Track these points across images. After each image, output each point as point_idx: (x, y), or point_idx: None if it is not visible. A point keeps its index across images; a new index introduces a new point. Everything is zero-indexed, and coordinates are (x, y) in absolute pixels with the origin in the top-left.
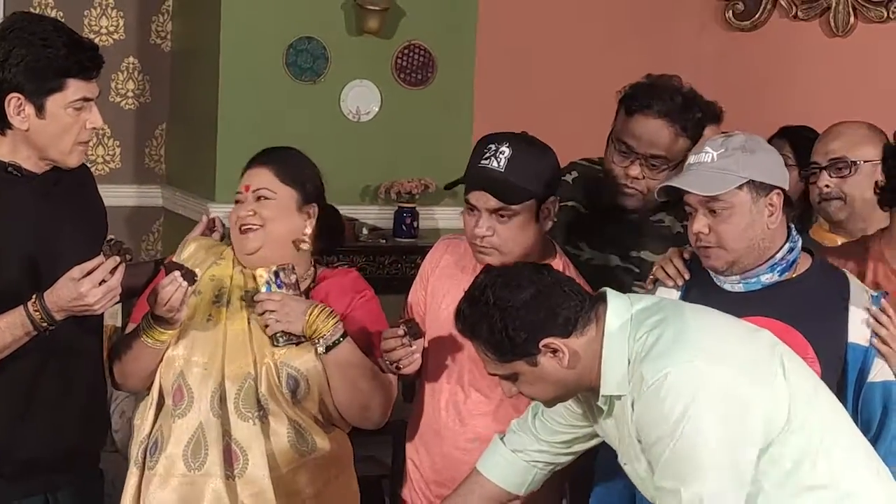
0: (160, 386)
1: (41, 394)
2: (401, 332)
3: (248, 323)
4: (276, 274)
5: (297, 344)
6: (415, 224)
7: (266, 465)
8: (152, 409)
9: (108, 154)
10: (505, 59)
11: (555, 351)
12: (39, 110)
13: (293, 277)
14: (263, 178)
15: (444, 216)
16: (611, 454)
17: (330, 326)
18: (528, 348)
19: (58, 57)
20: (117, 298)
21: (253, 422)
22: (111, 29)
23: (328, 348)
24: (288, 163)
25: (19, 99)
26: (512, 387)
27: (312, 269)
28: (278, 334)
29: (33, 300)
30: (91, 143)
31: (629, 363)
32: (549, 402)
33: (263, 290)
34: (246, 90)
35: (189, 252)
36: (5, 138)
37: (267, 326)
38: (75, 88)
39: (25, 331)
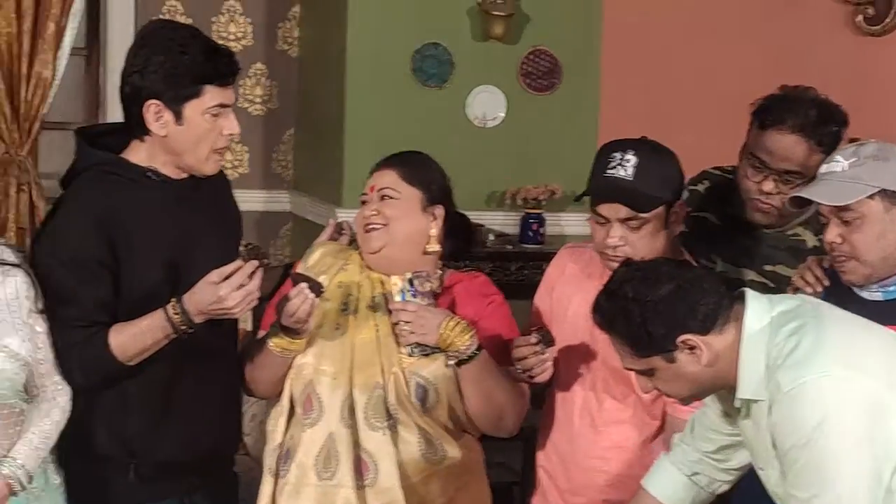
0: (290, 394)
1: (177, 397)
2: (533, 339)
3: (377, 331)
4: (411, 281)
5: (428, 355)
6: (541, 230)
7: (397, 475)
8: (283, 417)
9: (237, 159)
10: (631, 65)
11: (692, 348)
12: (177, 116)
13: (428, 286)
14: (388, 178)
15: (570, 222)
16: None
17: (465, 340)
18: (665, 344)
19: (195, 63)
20: (255, 302)
21: (382, 432)
22: (239, 35)
23: (461, 362)
24: (413, 164)
25: (158, 105)
26: (648, 382)
27: (440, 271)
28: (411, 345)
29: (173, 303)
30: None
31: (766, 368)
32: (685, 400)
33: (398, 297)
34: (372, 96)
35: (315, 259)
36: (144, 144)
37: (400, 335)
38: (212, 95)
39: (165, 333)
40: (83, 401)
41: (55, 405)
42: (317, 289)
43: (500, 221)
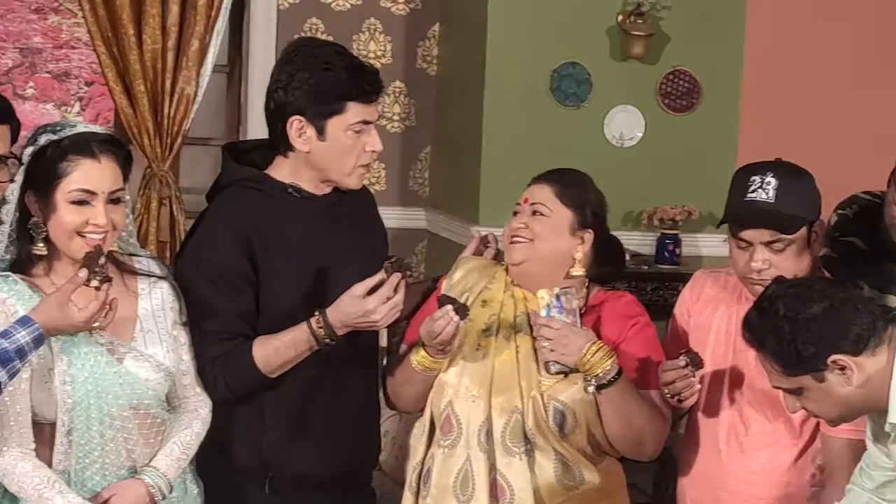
0: (431, 412)
1: (314, 410)
2: (682, 363)
3: (517, 353)
4: (558, 297)
5: (566, 375)
6: (677, 251)
7: (532, 500)
8: (425, 435)
9: (374, 176)
10: (772, 86)
11: (843, 368)
12: (320, 132)
13: (574, 303)
14: (543, 193)
15: (707, 243)
16: None
17: (605, 366)
18: (815, 363)
19: (339, 80)
20: (398, 314)
21: (519, 457)
22: (379, 53)
23: (600, 387)
24: (570, 184)
25: (301, 121)
26: (795, 402)
27: (585, 290)
28: (550, 363)
29: (316, 317)
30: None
31: None
32: (833, 421)
33: (543, 312)
34: (510, 115)
35: (460, 275)
36: (287, 160)
37: (540, 352)
38: (355, 111)
39: (308, 346)
40: (221, 413)
41: (196, 416)
42: (462, 311)
43: (636, 241)
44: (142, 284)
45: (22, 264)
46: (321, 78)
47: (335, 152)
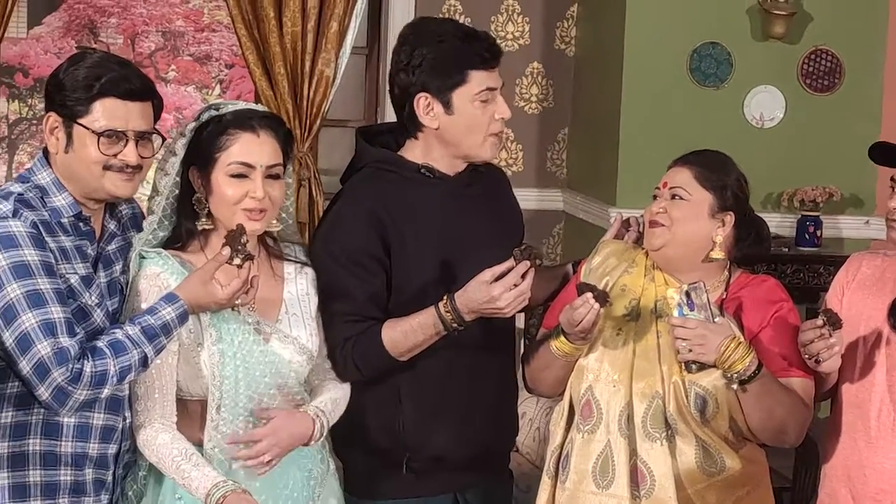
0: (570, 396)
1: (450, 392)
2: (819, 322)
3: (658, 338)
4: (688, 294)
5: (704, 368)
6: (818, 233)
7: (673, 486)
8: (564, 419)
9: (511, 157)
10: None
11: None
12: (447, 106)
13: (705, 297)
14: (682, 177)
15: (848, 225)
16: None
17: (745, 362)
18: None
19: (456, 50)
20: (526, 303)
21: (661, 442)
22: (517, 34)
23: (741, 383)
24: (710, 167)
25: (427, 98)
26: None
27: (727, 273)
28: (689, 363)
29: (444, 301)
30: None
31: None
32: None
33: (675, 313)
34: (649, 95)
35: (599, 260)
36: (418, 141)
37: (678, 352)
38: (478, 80)
39: (436, 330)
40: (357, 395)
41: (339, 388)
42: (602, 298)
43: (776, 223)
44: (288, 269)
45: (177, 240)
46: (439, 51)
47: (464, 125)
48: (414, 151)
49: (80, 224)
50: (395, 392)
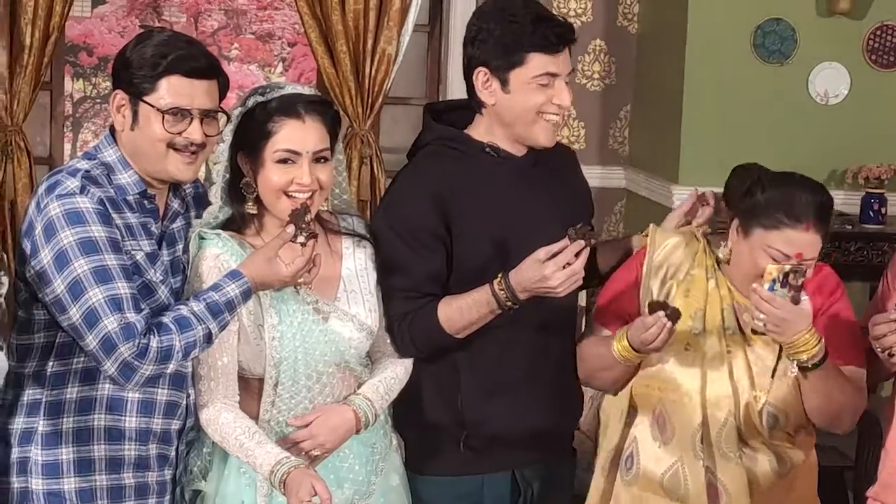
0: (630, 396)
1: (509, 370)
2: (893, 315)
3: (727, 354)
4: (786, 274)
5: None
6: (882, 210)
7: (748, 498)
8: (621, 422)
9: (573, 135)
10: None
11: None
12: (504, 84)
13: (801, 281)
14: (814, 243)
15: None
16: None
17: (814, 351)
18: None
19: (522, 31)
20: (580, 282)
21: (735, 462)
22: (579, 11)
23: (804, 370)
24: (828, 216)
25: (486, 73)
26: None
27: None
28: (758, 331)
29: (499, 279)
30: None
31: None
32: None
33: (766, 286)
34: (712, 72)
35: (662, 256)
36: (483, 118)
37: (751, 322)
38: (537, 63)
39: (490, 308)
40: (417, 370)
41: (400, 363)
42: (675, 317)
43: (840, 200)
44: (346, 244)
45: (235, 223)
46: (505, 29)
47: (518, 106)
48: (479, 129)
49: (145, 202)
50: (454, 370)
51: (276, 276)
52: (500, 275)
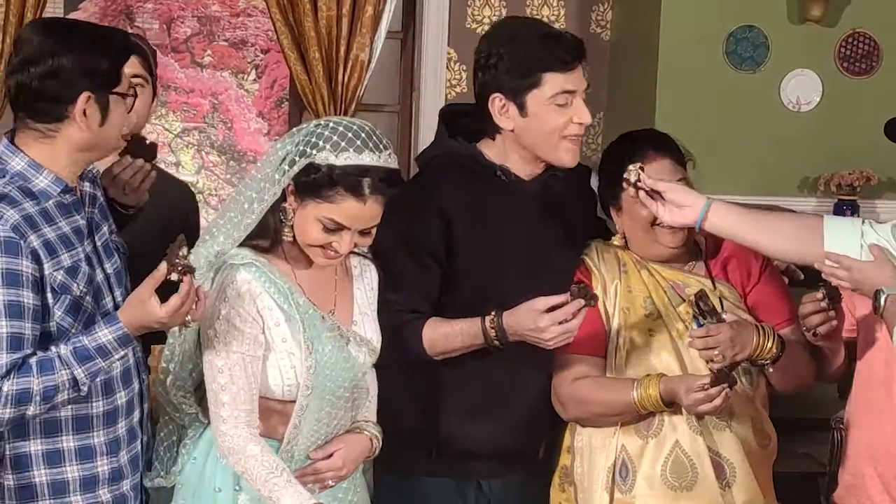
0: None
1: (489, 394)
2: (819, 295)
3: (687, 328)
4: (698, 304)
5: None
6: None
7: (750, 469)
8: (615, 438)
9: None
10: None
11: None
12: (521, 109)
13: (712, 299)
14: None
15: (885, 209)
16: None
17: (774, 350)
18: None
19: (532, 52)
20: (571, 340)
21: (728, 429)
22: (552, 18)
23: (774, 361)
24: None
25: (501, 99)
26: None
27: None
28: (721, 368)
29: (492, 316)
30: None
31: None
32: None
33: (694, 326)
34: (684, 79)
35: (603, 266)
36: (495, 143)
37: (710, 361)
38: (553, 83)
39: (477, 342)
40: (398, 380)
41: (373, 379)
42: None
43: (812, 207)
44: (354, 262)
45: (267, 234)
46: (515, 52)
47: (538, 128)
48: (493, 150)
49: (67, 196)
50: (434, 388)
51: (152, 318)
52: (493, 312)
